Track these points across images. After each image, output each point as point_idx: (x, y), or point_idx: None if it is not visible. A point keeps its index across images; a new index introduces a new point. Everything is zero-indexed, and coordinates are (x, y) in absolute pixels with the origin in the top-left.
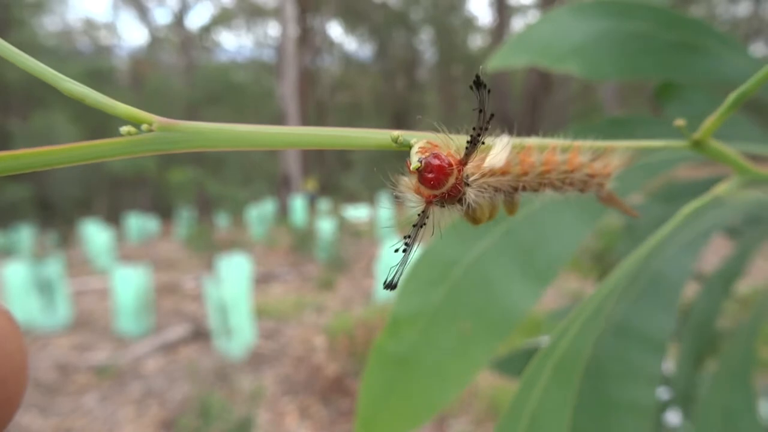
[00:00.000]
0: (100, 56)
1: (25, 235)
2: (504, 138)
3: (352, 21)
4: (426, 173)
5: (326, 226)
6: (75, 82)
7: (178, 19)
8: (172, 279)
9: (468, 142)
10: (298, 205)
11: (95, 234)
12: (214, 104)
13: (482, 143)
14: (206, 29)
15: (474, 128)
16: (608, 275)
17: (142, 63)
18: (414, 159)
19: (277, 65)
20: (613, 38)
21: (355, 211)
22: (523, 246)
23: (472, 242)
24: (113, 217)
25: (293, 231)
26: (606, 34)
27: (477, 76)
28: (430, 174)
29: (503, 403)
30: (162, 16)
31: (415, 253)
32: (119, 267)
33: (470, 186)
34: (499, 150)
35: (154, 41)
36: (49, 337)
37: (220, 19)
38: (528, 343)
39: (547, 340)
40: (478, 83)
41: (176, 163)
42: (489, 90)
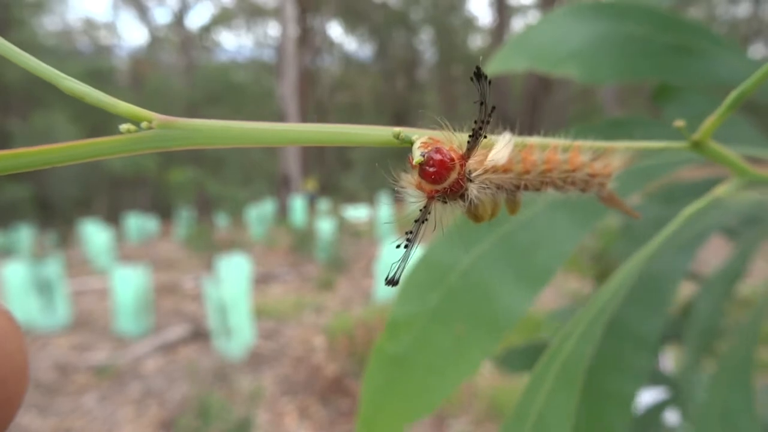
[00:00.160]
0: (100, 56)
1: (25, 235)
2: (506, 135)
3: (352, 21)
4: (428, 168)
5: (326, 226)
6: (76, 81)
7: (178, 19)
8: (171, 279)
9: (470, 135)
10: (298, 205)
11: (95, 234)
12: (214, 104)
13: (484, 137)
14: (206, 29)
15: (475, 121)
16: (609, 276)
17: (142, 63)
18: (416, 154)
19: (277, 65)
20: (612, 41)
21: (354, 212)
22: (518, 251)
23: (468, 245)
24: (113, 217)
25: (293, 231)
26: (604, 37)
27: (477, 68)
28: (432, 168)
29: (503, 403)
30: (162, 16)
31: (416, 251)
32: (119, 267)
33: (473, 181)
34: (502, 147)
35: (154, 41)
36: (48, 337)
37: (220, 19)
38: (528, 341)
39: (553, 341)
40: (479, 75)
41: (176, 163)
42: (490, 82)
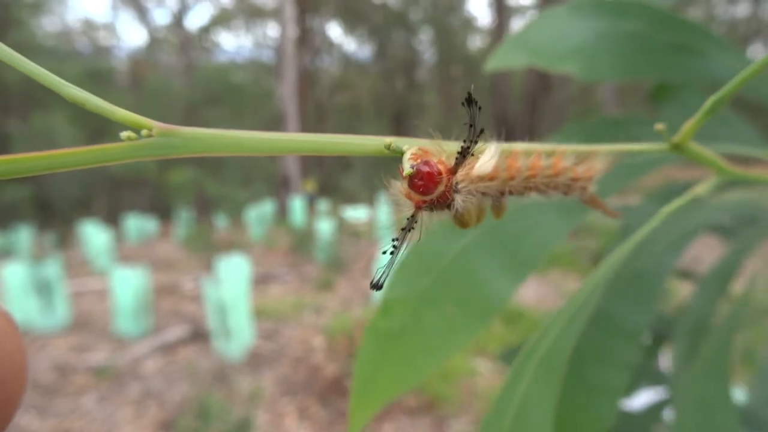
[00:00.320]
0: (99, 57)
1: (24, 236)
2: (492, 146)
3: (352, 21)
4: (417, 180)
5: (325, 226)
6: (76, 88)
7: (178, 20)
8: (171, 280)
9: (458, 153)
10: (298, 206)
11: (94, 235)
12: (214, 105)
13: (471, 155)
14: (205, 30)
15: (464, 140)
16: (592, 271)
17: (142, 64)
18: (406, 166)
19: (277, 66)
20: (611, 39)
21: (354, 212)
22: (505, 240)
23: (459, 235)
24: (112, 218)
25: (292, 232)
26: (604, 35)
27: (469, 94)
28: (421, 181)
29: None
30: (161, 17)
31: (404, 255)
32: (118, 268)
33: (459, 192)
34: (488, 158)
35: (153, 42)
36: (47, 337)
37: (220, 20)
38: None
39: (536, 333)
40: (470, 101)
41: (175, 164)
42: (480, 108)
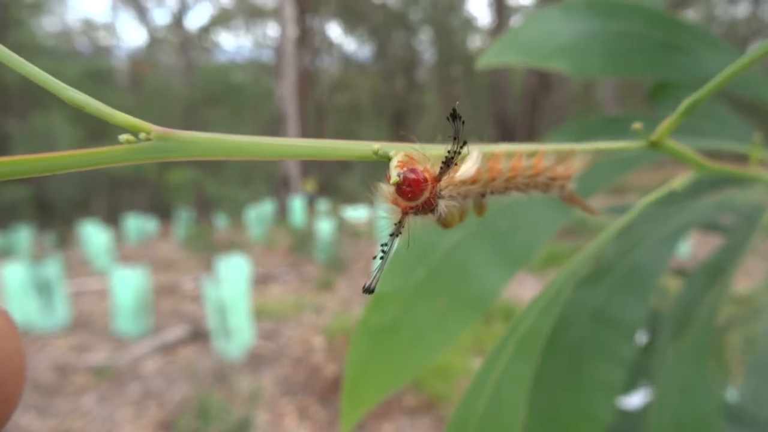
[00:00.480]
0: (99, 57)
1: (24, 236)
2: (474, 152)
3: (352, 21)
4: (404, 187)
5: (325, 226)
6: (76, 91)
7: (177, 20)
8: (171, 280)
9: (443, 162)
10: (297, 206)
11: (94, 235)
12: (214, 105)
13: (455, 164)
14: (205, 30)
15: (449, 151)
16: (566, 263)
17: (141, 64)
18: (393, 173)
19: (276, 66)
20: (602, 37)
21: (354, 212)
22: (498, 233)
23: (452, 230)
24: (112, 218)
25: (292, 232)
26: (594, 33)
27: (454, 110)
28: (408, 188)
29: None
30: (161, 17)
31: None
32: (118, 268)
33: (443, 198)
34: (471, 165)
35: (153, 42)
36: (47, 337)
37: (219, 20)
38: None
39: (515, 317)
40: (454, 116)
41: (175, 164)
42: (464, 122)
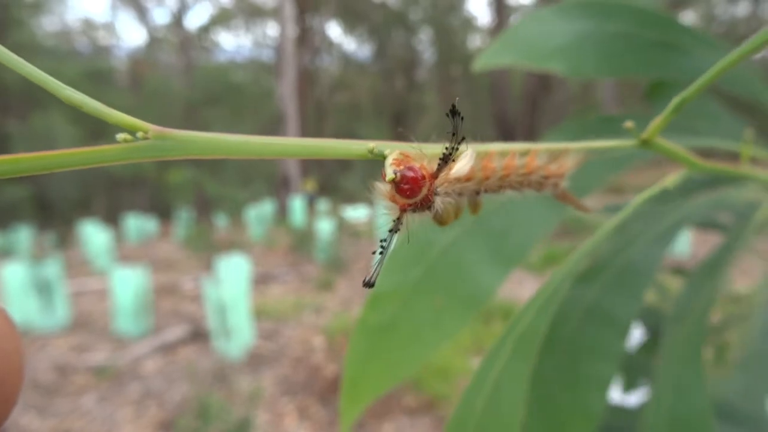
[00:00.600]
0: (99, 57)
1: (24, 236)
2: (469, 150)
3: (351, 21)
4: (403, 184)
5: (325, 226)
6: (73, 90)
7: (177, 20)
8: (170, 280)
9: (440, 159)
10: (297, 206)
11: (94, 235)
12: (213, 105)
13: (452, 161)
14: (205, 29)
15: (446, 147)
16: (563, 262)
17: (141, 63)
18: (388, 171)
19: (276, 65)
20: (596, 37)
21: (354, 212)
22: (492, 232)
23: (448, 228)
24: (112, 218)
25: (292, 231)
26: (589, 33)
27: (453, 106)
28: (407, 185)
29: None
30: (161, 17)
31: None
32: (118, 268)
33: (439, 195)
34: (465, 162)
35: (153, 41)
36: (47, 337)
37: (219, 20)
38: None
39: (514, 316)
40: (454, 112)
41: (175, 163)
42: (462, 118)
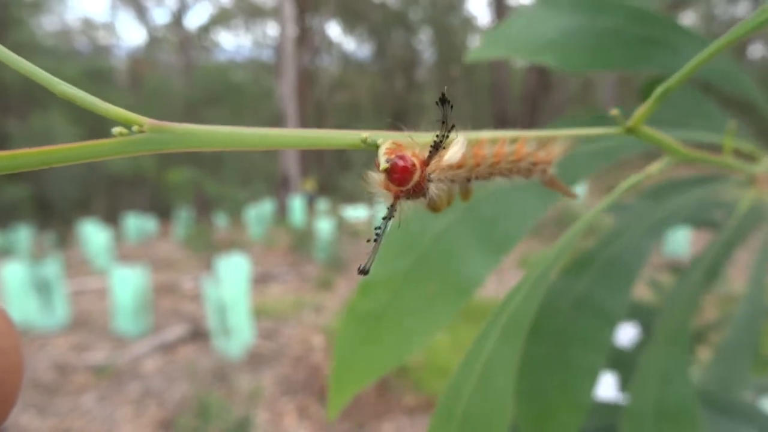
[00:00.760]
0: (99, 56)
1: (24, 236)
2: (460, 138)
3: (351, 21)
4: (393, 173)
5: (325, 226)
6: (68, 85)
7: (177, 19)
8: (170, 279)
9: (431, 146)
10: (297, 205)
11: (93, 234)
12: (213, 104)
13: (443, 148)
14: (205, 29)
15: (437, 135)
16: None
17: (141, 63)
18: (381, 160)
19: (276, 65)
20: (586, 32)
21: (353, 211)
22: (483, 220)
23: (439, 216)
24: (111, 218)
25: (292, 231)
26: (579, 28)
27: (442, 94)
28: (398, 174)
29: None
30: (160, 16)
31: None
32: (118, 267)
33: (431, 181)
34: (456, 149)
35: (153, 41)
36: (47, 337)
37: (219, 19)
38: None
39: (502, 299)
40: (443, 101)
41: (175, 163)
42: (452, 106)
